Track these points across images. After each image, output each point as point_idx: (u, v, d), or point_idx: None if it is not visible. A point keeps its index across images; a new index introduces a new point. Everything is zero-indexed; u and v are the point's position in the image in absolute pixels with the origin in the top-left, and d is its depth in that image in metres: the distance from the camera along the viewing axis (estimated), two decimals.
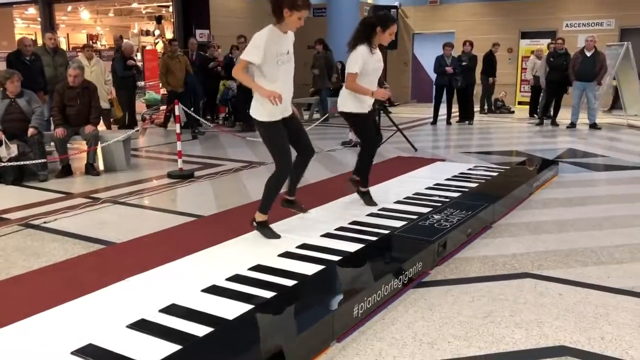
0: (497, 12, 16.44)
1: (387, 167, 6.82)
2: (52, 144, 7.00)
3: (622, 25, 15.06)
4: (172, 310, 2.88)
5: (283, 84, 3.82)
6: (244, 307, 2.86)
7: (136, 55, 18.96)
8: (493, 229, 4.60)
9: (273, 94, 3.66)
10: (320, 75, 12.32)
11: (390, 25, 4.58)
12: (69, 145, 7.16)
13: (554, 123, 11.45)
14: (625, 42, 11.25)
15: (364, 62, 4.57)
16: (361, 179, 4.94)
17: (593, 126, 10.89)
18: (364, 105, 4.74)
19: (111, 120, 9.92)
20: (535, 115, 12.57)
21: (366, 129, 4.87)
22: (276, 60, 3.71)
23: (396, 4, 17.16)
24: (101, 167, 7.22)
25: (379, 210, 4.75)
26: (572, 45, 13.54)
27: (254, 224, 4.10)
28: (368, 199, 4.94)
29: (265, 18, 3.96)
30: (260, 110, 3.84)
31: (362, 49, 4.58)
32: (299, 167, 4.15)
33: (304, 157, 4.12)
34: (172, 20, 14.27)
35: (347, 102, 4.74)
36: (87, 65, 8.85)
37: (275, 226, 4.17)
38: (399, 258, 3.58)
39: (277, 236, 4.03)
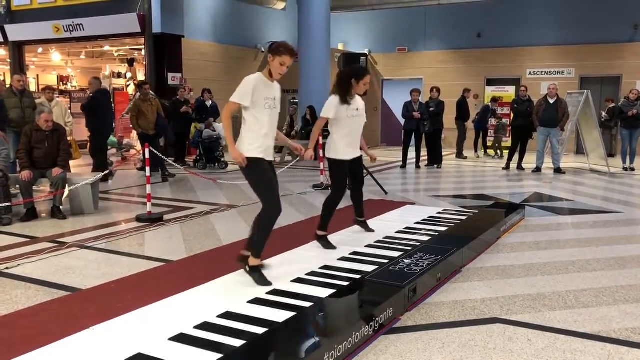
0: (464, 59, 17.00)
1: None
2: (18, 186, 6.87)
3: (581, 74, 15.71)
4: None
5: (269, 127, 3.99)
6: (212, 357, 2.80)
7: None
8: (462, 273, 4.64)
9: (241, 158, 3.89)
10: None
11: (363, 77, 4.97)
12: (35, 188, 7.03)
13: (520, 167, 11.72)
14: (586, 91, 11.68)
15: (334, 110, 4.91)
16: (320, 223, 5.05)
17: (557, 171, 11.19)
18: (339, 153, 4.98)
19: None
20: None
21: (338, 176, 5.05)
22: (264, 103, 3.93)
23: (366, 51, 17.62)
24: (68, 210, 7.09)
25: (349, 254, 4.75)
26: (535, 93, 14.05)
27: (247, 268, 4.06)
28: (325, 243, 5.01)
29: (236, 63, 4.07)
30: (241, 148, 3.96)
31: (332, 99, 4.96)
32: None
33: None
34: (144, 63, 14.31)
35: (328, 148, 5.03)
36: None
37: (244, 271, 4.13)
38: (369, 304, 3.58)
39: (268, 283, 3.94)
